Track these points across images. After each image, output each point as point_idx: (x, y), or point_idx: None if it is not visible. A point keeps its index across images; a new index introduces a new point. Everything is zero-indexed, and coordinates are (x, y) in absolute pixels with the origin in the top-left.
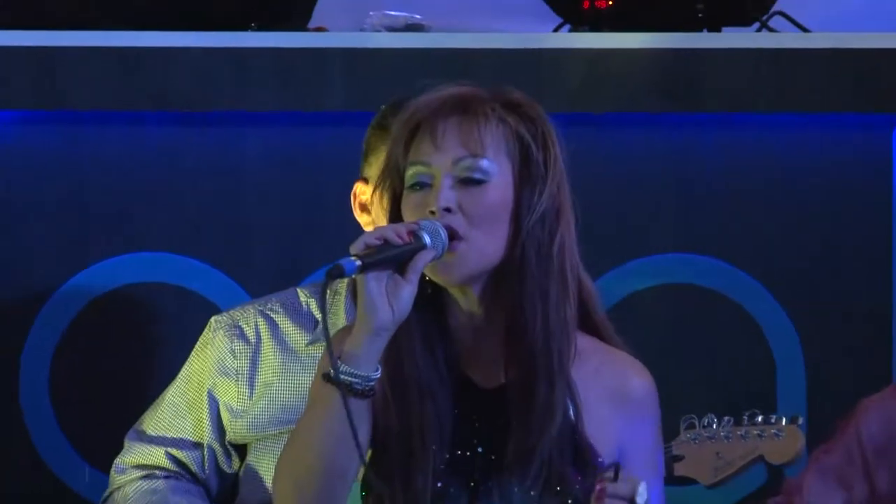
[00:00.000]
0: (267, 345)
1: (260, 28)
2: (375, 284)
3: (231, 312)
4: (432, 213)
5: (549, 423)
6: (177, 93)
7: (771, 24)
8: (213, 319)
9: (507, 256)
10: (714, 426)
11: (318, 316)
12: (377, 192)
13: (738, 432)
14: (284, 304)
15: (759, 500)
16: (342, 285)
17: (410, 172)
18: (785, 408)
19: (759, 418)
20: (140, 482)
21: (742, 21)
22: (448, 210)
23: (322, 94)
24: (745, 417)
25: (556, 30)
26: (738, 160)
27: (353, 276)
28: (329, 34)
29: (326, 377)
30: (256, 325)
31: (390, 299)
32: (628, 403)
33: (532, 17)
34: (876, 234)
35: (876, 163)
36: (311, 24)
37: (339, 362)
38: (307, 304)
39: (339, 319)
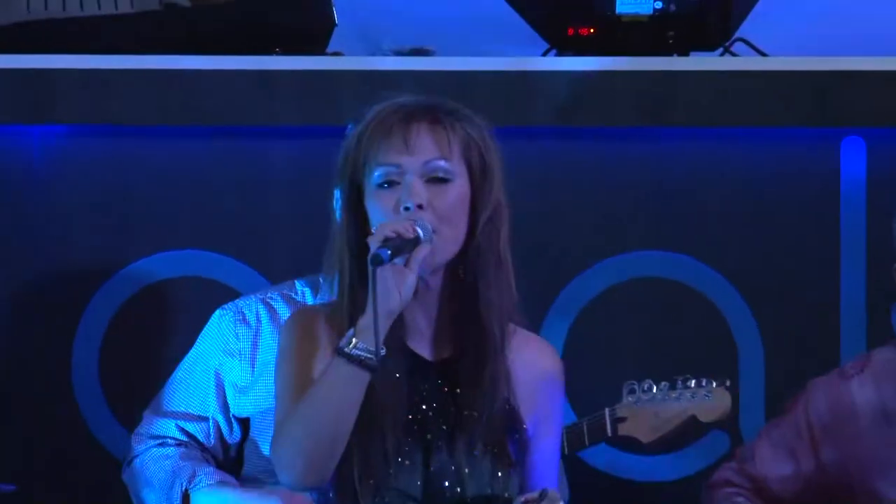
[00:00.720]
0: (266, 328)
1: (283, 53)
2: (390, 274)
3: (236, 302)
4: (406, 209)
5: (495, 393)
6: (209, 109)
7: (734, 49)
8: (219, 309)
9: (465, 248)
10: (652, 390)
11: (310, 303)
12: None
13: (673, 395)
14: (283, 294)
15: (714, 470)
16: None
17: (379, 172)
18: (746, 387)
19: (692, 382)
20: (154, 449)
21: (708, 47)
22: (420, 207)
23: (337, 111)
24: (679, 381)
25: (544, 54)
26: (704, 169)
27: (387, 263)
28: (344, 58)
29: (343, 353)
30: (257, 312)
31: (399, 287)
32: (544, 380)
33: (523, 43)
34: (825, 234)
35: (825, 171)
36: (328, 50)
37: (358, 341)
38: (302, 294)
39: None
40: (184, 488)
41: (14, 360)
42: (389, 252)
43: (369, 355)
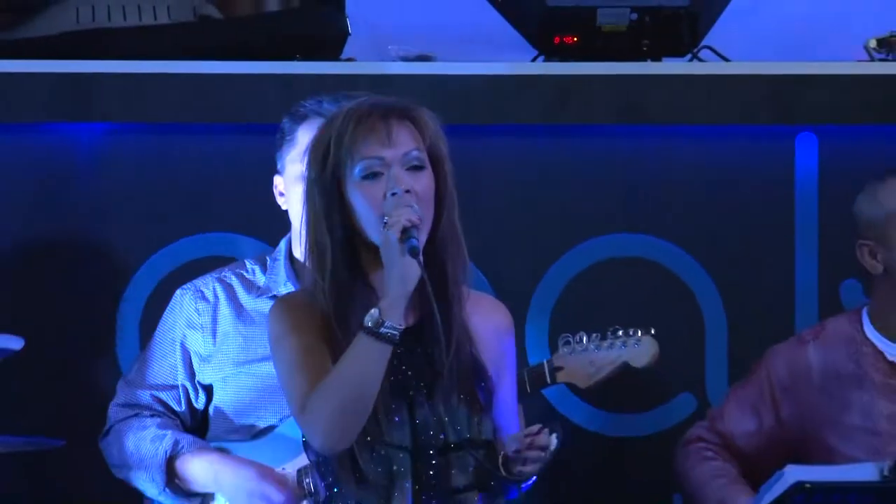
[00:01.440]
0: (223, 303)
1: (302, 59)
2: (409, 259)
3: (194, 282)
4: (394, 193)
5: (459, 348)
6: (237, 109)
7: (701, 55)
8: (179, 289)
9: (434, 228)
10: (584, 341)
11: (261, 280)
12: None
13: (605, 344)
14: (236, 273)
15: (688, 425)
16: (282, 254)
17: (363, 165)
18: (711, 354)
19: (620, 332)
20: (132, 420)
21: (678, 53)
22: (408, 191)
23: None
24: (609, 333)
25: (533, 60)
26: (675, 162)
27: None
28: (356, 63)
29: (371, 331)
30: (214, 289)
31: (412, 268)
32: (498, 332)
33: (515, 50)
34: (782, 219)
35: (782, 163)
36: (342, 56)
37: (381, 319)
38: (252, 271)
39: (280, 278)
40: (168, 454)
41: (65, 329)
42: (416, 241)
43: (394, 332)
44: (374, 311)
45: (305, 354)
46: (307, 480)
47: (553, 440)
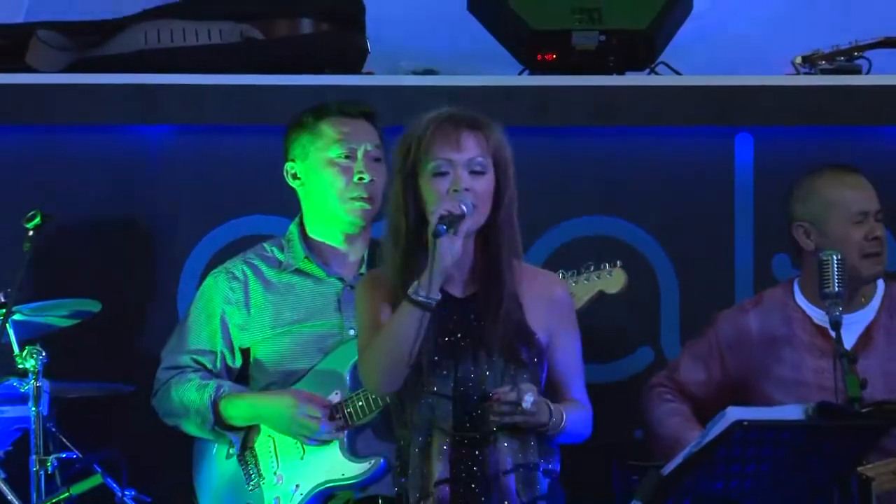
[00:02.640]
0: (252, 280)
1: (330, 72)
2: (447, 242)
3: (224, 265)
4: (455, 190)
5: (507, 318)
6: (276, 113)
7: (658, 69)
8: (211, 273)
9: (490, 220)
10: (561, 277)
11: (282, 258)
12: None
13: (582, 278)
14: (258, 254)
15: (648, 375)
16: (294, 234)
17: (434, 164)
18: (665, 315)
19: (592, 267)
20: (177, 376)
21: (638, 68)
22: (467, 189)
23: None
24: (583, 268)
25: (519, 73)
26: (636, 157)
27: (444, 235)
28: (374, 76)
29: (410, 299)
30: (242, 270)
31: (451, 251)
32: (553, 303)
33: (504, 65)
34: (723, 203)
35: (724, 158)
36: (363, 70)
37: (420, 290)
38: (271, 251)
39: (298, 255)
40: (213, 398)
41: (135, 294)
42: (445, 227)
43: (429, 300)
44: (415, 283)
45: (370, 320)
46: (347, 409)
47: (527, 398)
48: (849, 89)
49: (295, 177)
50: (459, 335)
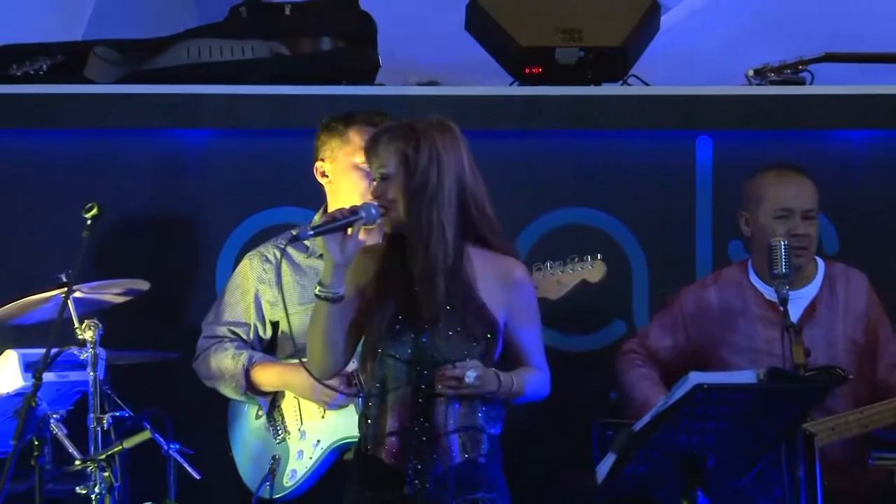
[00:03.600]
0: (283, 262)
1: (347, 84)
2: (331, 241)
3: (258, 248)
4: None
5: (461, 294)
6: (300, 119)
7: (630, 81)
8: (246, 255)
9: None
10: (551, 267)
11: (307, 244)
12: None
13: (567, 268)
14: (287, 239)
15: (620, 343)
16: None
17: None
18: (636, 292)
19: (576, 258)
20: (215, 345)
21: (613, 80)
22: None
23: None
24: (568, 259)
25: (510, 84)
26: (611, 155)
27: (309, 237)
28: (384, 87)
29: (319, 297)
30: (274, 253)
31: (341, 249)
32: (511, 285)
33: (497, 77)
34: (686, 195)
35: (686, 158)
36: (375, 81)
37: (323, 288)
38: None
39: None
40: (245, 366)
41: (179, 274)
42: (314, 231)
43: (333, 294)
44: (318, 282)
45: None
46: (357, 380)
47: (469, 375)
48: (794, 98)
49: (323, 175)
50: (416, 304)
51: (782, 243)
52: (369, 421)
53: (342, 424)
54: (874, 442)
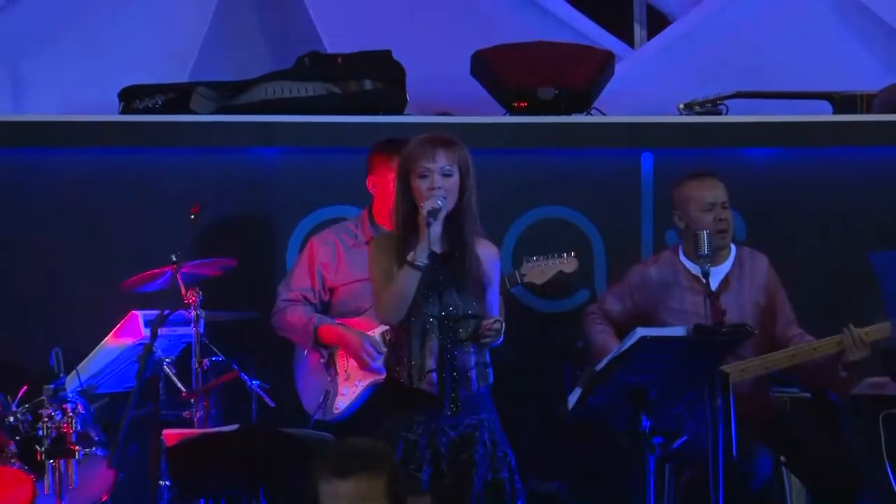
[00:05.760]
0: (340, 245)
1: (383, 114)
2: (434, 226)
3: (320, 234)
4: (431, 189)
5: (470, 268)
6: (349, 138)
7: (592, 112)
8: (313, 237)
9: (456, 207)
10: (536, 259)
11: (353, 234)
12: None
13: (550, 261)
14: (343, 229)
15: (585, 307)
16: (366, 219)
17: (421, 170)
18: (597, 270)
19: (556, 254)
20: (289, 306)
21: (579, 111)
22: (440, 187)
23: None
24: (550, 254)
25: (504, 115)
26: (578, 167)
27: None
28: (411, 116)
29: (409, 262)
30: (332, 238)
31: (433, 233)
32: (488, 261)
33: (493, 109)
34: (633, 196)
35: (633, 167)
36: (404, 112)
37: (416, 257)
38: (352, 227)
39: (368, 232)
40: (314, 326)
41: (258, 253)
42: (435, 220)
43: (421, 263)
44: (412, 252)
45: (380, 273)
46: (387, 339)
47: (499, 327)
48: (713, 125)
49: (372, 186)
50: (442, 278)
51: (706, 233)
52: (412, 362)
53: (374, 373)
54: (773, 379)
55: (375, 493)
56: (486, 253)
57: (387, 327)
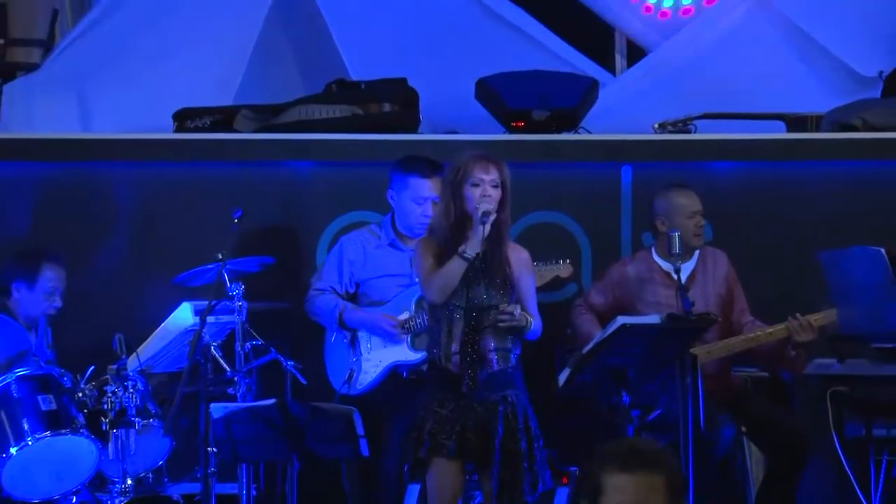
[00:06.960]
0: (366, 245)
1: (400, 133)
2: (487, 225)
3: (348, 234)
4: (484, 196)
5: (501, 265)
6: (371, 154)
7: (580, 130)
8: (343, 236)
9: (498, 213)
10: (536, 265)
11: (380, 235)
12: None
13: (548, 266)
14: (369, 231)
15: (573, 299)
16: (388, 224)
17: (474, 180)
18: (584, 268)
19: (553, 260)
20: (320, 296)
21: (570, 129)
22: (490, 196)
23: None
24: (549, 261)
25: (504, 133)
26: (568, 178)
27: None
28: (424, 134)
29: (460, 255)
30: (360, 238)
31: (484, 232)
32: (519, 260)
33: (494, 128)
34: (614, 203)
35: (614, 178)
36: (418, 131)
37: (467, 250)
38: (376, 231)
39: (389, 237)
40: (339, 311)
41: (293, 252)
42: (488, 220)
43: (470, 256)
44: (463, 246)
45: (428, 263)
46: (411, 323)
47: (517, 312)
48: (684, 142)
49: (392, 199)
50: (471, 273)
51: (677, 235)
52: (442, 345)
53: (397, 353)
54: (735, 360)
55: (655, 491)
56: (519, 256)
57: (408, 315)
